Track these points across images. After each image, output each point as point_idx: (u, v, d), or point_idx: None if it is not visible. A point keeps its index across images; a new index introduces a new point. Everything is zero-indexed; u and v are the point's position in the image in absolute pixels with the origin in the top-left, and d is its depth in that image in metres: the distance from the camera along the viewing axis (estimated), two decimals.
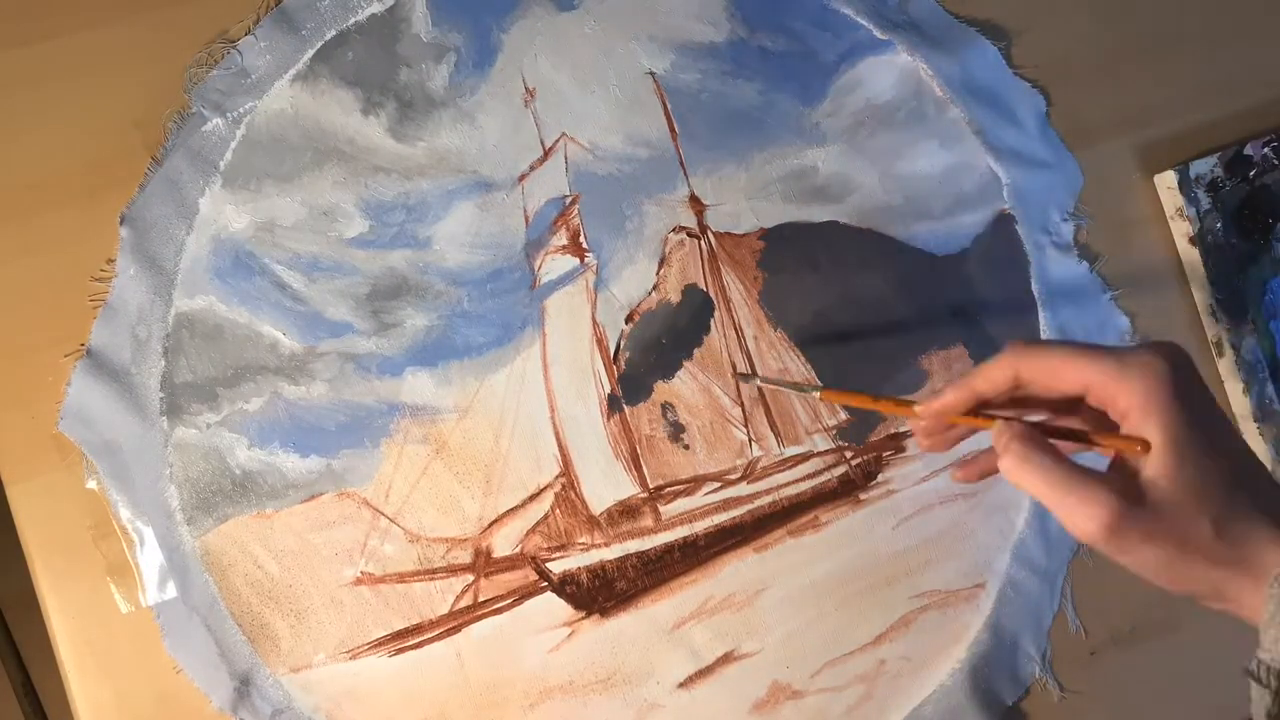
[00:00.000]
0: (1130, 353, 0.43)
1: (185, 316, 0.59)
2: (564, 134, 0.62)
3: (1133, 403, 0.42)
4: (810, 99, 0.64)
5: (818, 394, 0.52)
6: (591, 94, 0.63)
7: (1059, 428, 0.46)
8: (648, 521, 0.61)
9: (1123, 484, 0.41)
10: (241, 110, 0.60)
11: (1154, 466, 0.41)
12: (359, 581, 0.59)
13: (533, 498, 0.60)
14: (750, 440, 0.62)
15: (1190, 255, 0.66)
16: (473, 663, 0.59)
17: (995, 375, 0.45)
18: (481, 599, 0.59)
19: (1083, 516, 0.41)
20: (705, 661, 0.61)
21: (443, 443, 0.60)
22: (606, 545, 0.61)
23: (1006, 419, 0.45)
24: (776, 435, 0.63)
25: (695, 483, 0.62)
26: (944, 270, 0.65)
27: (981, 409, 0.46)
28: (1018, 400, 0.46)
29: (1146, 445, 0.42)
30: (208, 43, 0.60)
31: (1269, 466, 0.65)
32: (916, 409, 0.47)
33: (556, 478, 0.61)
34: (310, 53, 0.61)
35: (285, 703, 0.58)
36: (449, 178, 0.61)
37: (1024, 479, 0.43)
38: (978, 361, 0.64)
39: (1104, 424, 0.45)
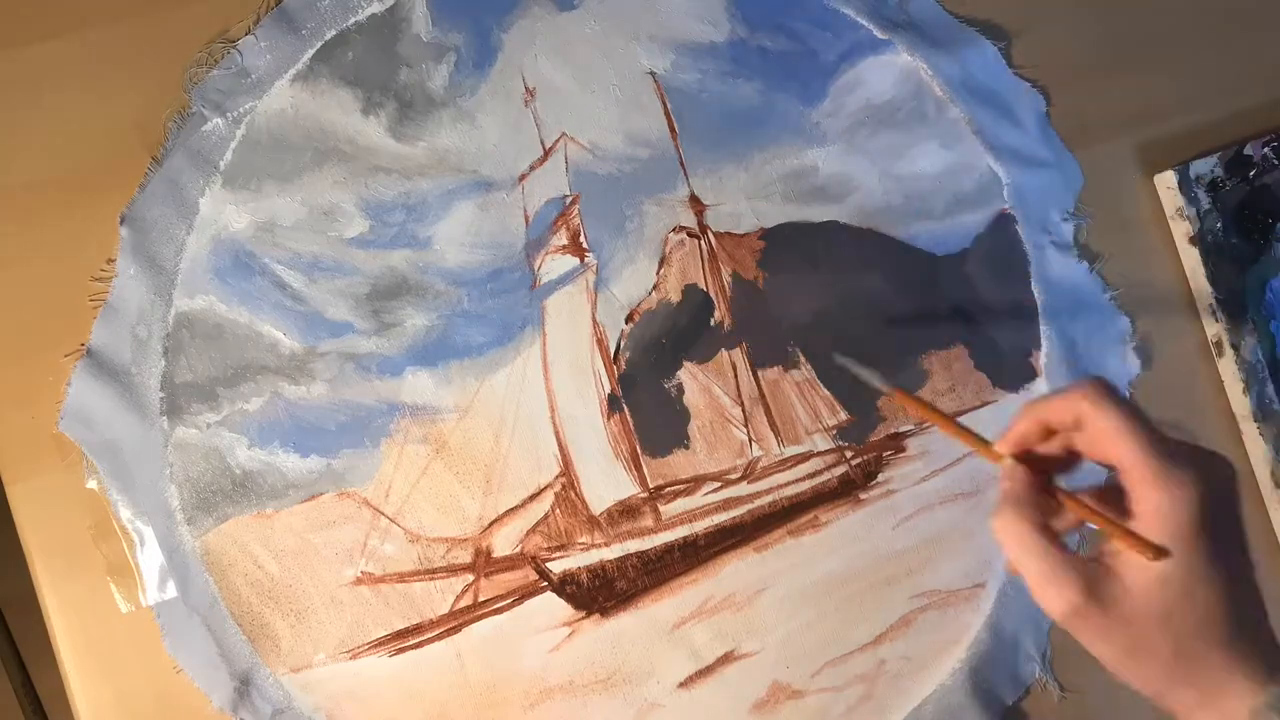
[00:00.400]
0: (1173, 462, 0.41)
1: (185, 316, 0.59)
2: (564, 134, 0.62)
3: (1151, 510, 0.41)
4: (810, 99, 0.64)
5: (888, 390, 0.51)
6: (592, 94, 0.63)
7: (1089, 507, 0.44)
8: (648, 521, 0.61)
9: (1096, 576, 0.42)
10: (241, 110, 0.60)
11: (1140, 575, 0.41)
12: (359, 581, 0.59)
13: (533, 497, 0.60)
14: (750, 440, 0.62)
15: (1190, 255, 0.66)
16: (473, 662, 0.59)
17: (1061, 412, 0.44)
18: (482, 599, 0.59)
19: (1047, 596, 0.42)
20: (705, 661, 0.61)
21: (443, 442, 0.60)
22: (606, 545, 0.61)
23: (1015, 464, 0.45)
24: (776, 435, 0.63)
25: (695, 482, 0.62)
26: (944, 270, 0.65)
27: (1045, 435, 0.45)
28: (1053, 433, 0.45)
29: (1155, 555, 0.41)
30: (208, 43, 0.60)
31: (1268, 466, 0.65)
32: (996, 447, 0.46)
33: (556, 477, 0.61)
34: (310, 52, 0.61)
35: (285, 702, 0.58)
36: (449, 177, 0.61)
37: (1005, 541, 0.44)
38: (977, 363, 0.64)
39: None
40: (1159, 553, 0.41)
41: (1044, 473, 0.45)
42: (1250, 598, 0.43)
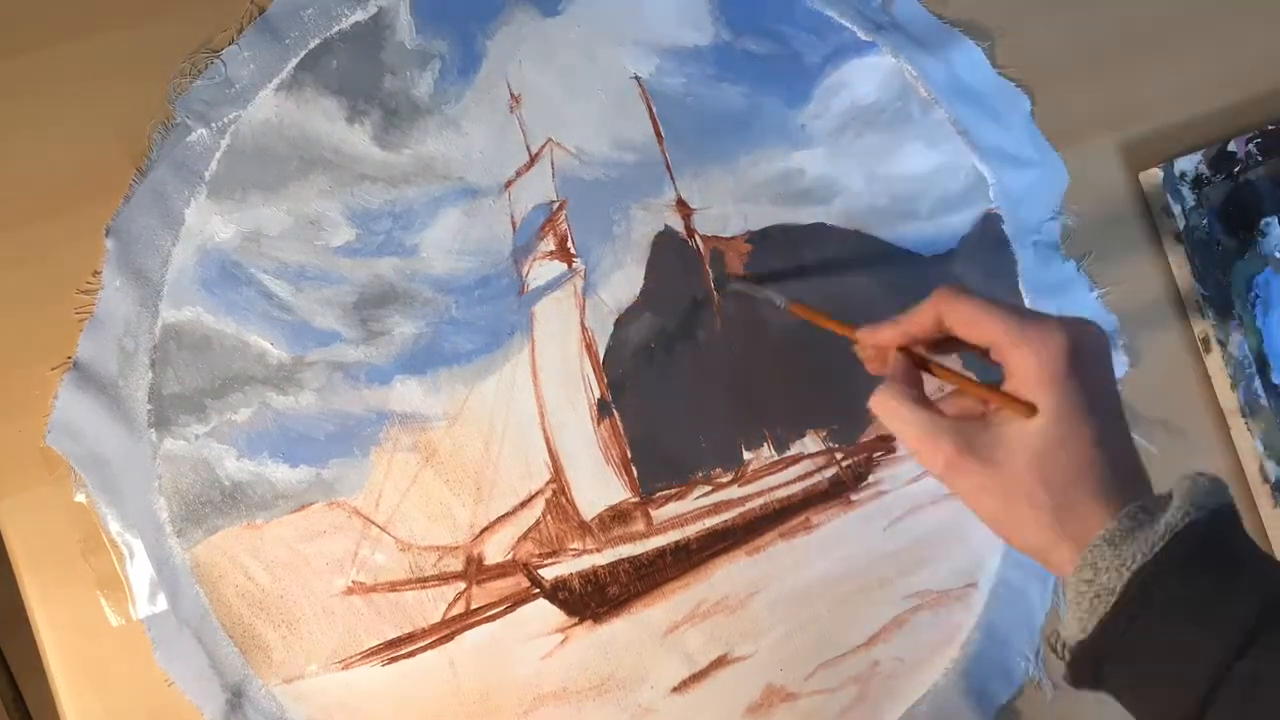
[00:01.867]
0: (1036, 322, 0.44)
1: (172, 328, 0.59)
2: (550, 139, 0.62)
3: (1020, 368, 0.44)
4: (795, 101, 0.64)
5: (784, 305, 0.57)
6: (577, 99, 0.63)
7: (957, 373, 0.48)
8: (639, 526, 0.61)
9: (972, 432, 0.45)
10: (226, 120, 0.60)
11: (1015, 428, 0.44)
12: (350, 591, 0.59)
13: (524, 504, 0.60)
14: (741, 444, 0.62)
15: (1176, 252, 0.66)
16: (466, 671, 0.59)
17: (923, 319, 0.48)
18: (474, 606, 0.59)
19: (924, 452, 0.46)
20: (699, 665, 0.61)
21: (432, 450, 0.60)
22: (598, 550, 0.61)
23: (907, 354, 0.49)
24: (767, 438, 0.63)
25: (686, 486, 0.62)
26: (931, 271, 0.65)
27: (914, 343, 0.50)
28: (947, 339, 0.49)
29: (1031, 410, 0.43)
30: (191, 53, 0.60)
31: (1256, 461, 0.65)
32: (857, 334, 0.51)
33: (547, 484, 0.61)
34: (294, 61, 0.61)
35: (278, 714, 0.58)
36: (435, 185, 0.61)
37: (883, 414, 0.48)
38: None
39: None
40: (1031, 409, 0.43)
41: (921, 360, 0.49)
42: (1125, 450, 0.44)
